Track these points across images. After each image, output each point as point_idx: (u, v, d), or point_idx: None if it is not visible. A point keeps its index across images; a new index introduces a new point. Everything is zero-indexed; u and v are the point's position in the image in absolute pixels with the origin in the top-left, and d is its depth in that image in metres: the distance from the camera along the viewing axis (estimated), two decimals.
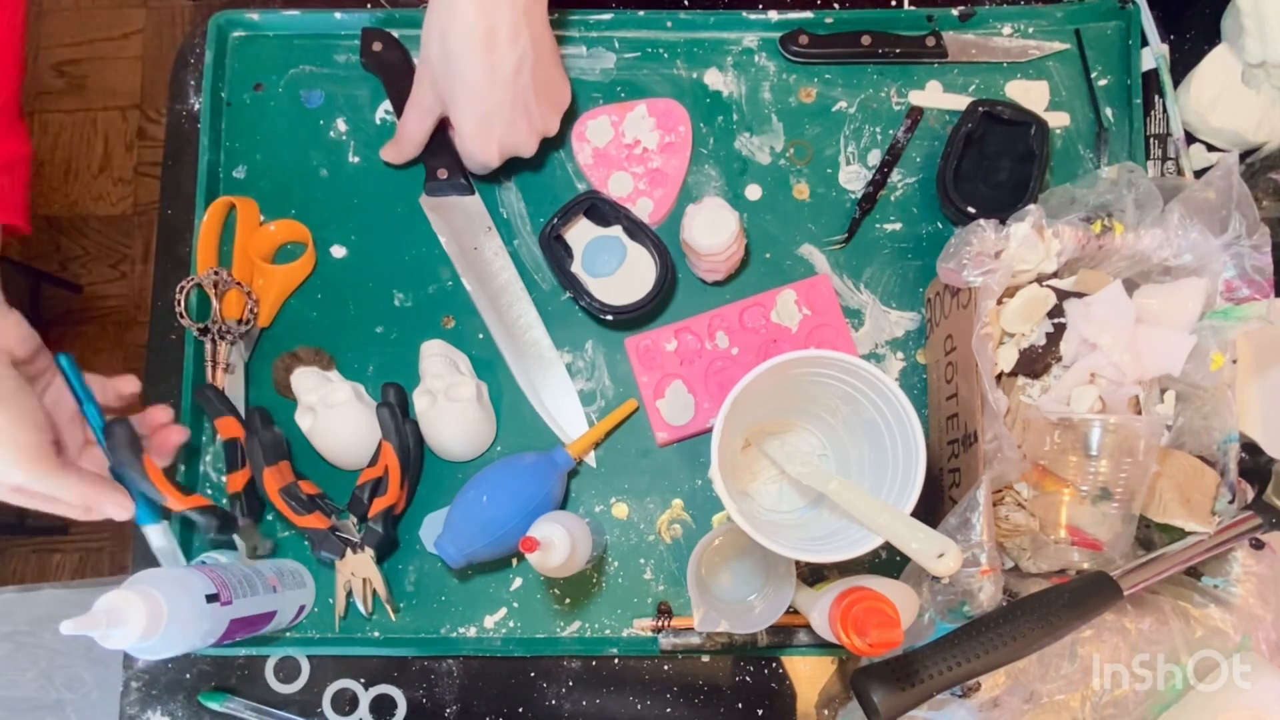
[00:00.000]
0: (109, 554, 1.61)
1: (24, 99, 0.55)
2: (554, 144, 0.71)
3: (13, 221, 0.58)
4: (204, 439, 0.68)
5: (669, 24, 0.72)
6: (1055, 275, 0.58)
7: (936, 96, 0.70)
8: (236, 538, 0.65)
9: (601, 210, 0.68)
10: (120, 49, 1.72)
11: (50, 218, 1.68)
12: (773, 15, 0.71)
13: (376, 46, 0.71)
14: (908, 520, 0.50)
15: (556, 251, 0.67)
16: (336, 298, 0.70)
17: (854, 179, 0.70)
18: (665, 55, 0.72)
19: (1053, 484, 0.56)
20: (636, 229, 0.67)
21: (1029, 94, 0.70)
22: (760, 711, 0.65)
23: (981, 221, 0.55)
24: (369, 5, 0.74)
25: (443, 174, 0.69)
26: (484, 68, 0.57)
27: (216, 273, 0.68)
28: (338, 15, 0.72)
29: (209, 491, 0.67)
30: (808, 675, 0.65)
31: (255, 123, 0.72)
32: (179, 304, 0.68)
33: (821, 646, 0.63)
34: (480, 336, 0.69)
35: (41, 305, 1.62)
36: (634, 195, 0.70)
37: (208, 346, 0.68)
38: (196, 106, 0.73)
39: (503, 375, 0.68)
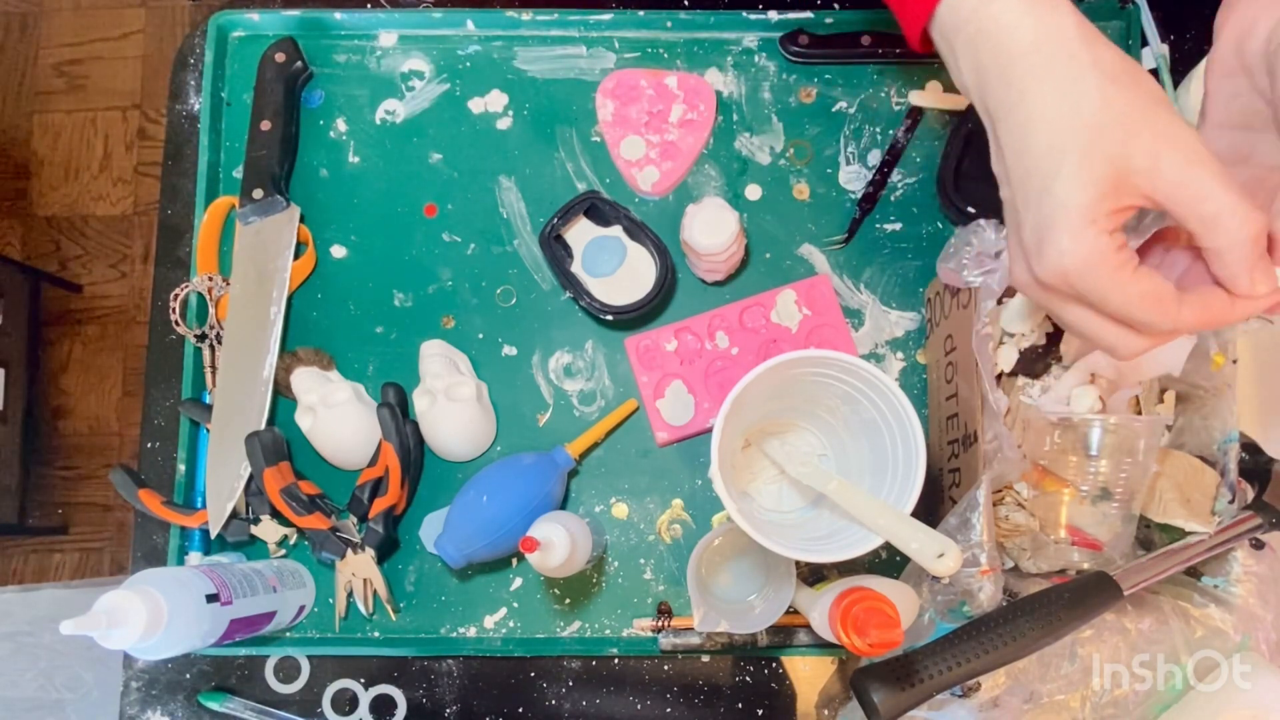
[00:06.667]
0: (109, 554, 1.61)
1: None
2: (554, 143, 0.71)
3: None
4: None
5: (669, 24, 0.72)
6: None
7: (936, 96, 0.70)
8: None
9: (601, 210, 0.68)
10: (120, 49, 1.72)
11: (50, 218, 1.68)
12: (773, 15, 0.71)
13: (279, 58, 0.70)
14: (908, 520, 0.50)
15: (556, 251, 0.67)
16: (336, 298, 0.70)
17: (854, 179, 0.70)
18: (665, 55, 0.72)
19: (1053, 484, 0.56)
20: (636, 229, 0.67)
21: None
22: (760, 711, 0.65)
23: (981, 221, 0.54)
24: (369, 5, 0.74)
25: (259, 194, 0.68)
26: None
27: (210, 278, 0.68)
28: (337, 15, 0.72)
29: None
30: (808, 675, 0.65)
31: None
32: (174, 311, 0.68)
33: (821, 646, 0.63)
34: (480, 336, 0.69)
35: (41, 305, 1.62)
36: (642, 162, 0.70)
37: (205, 353, 0.68)
38: (196, 106, 0.73)
39: (503, 375, 0.68)
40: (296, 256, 0.69)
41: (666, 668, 0.65)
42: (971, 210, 0.65)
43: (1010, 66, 0.42)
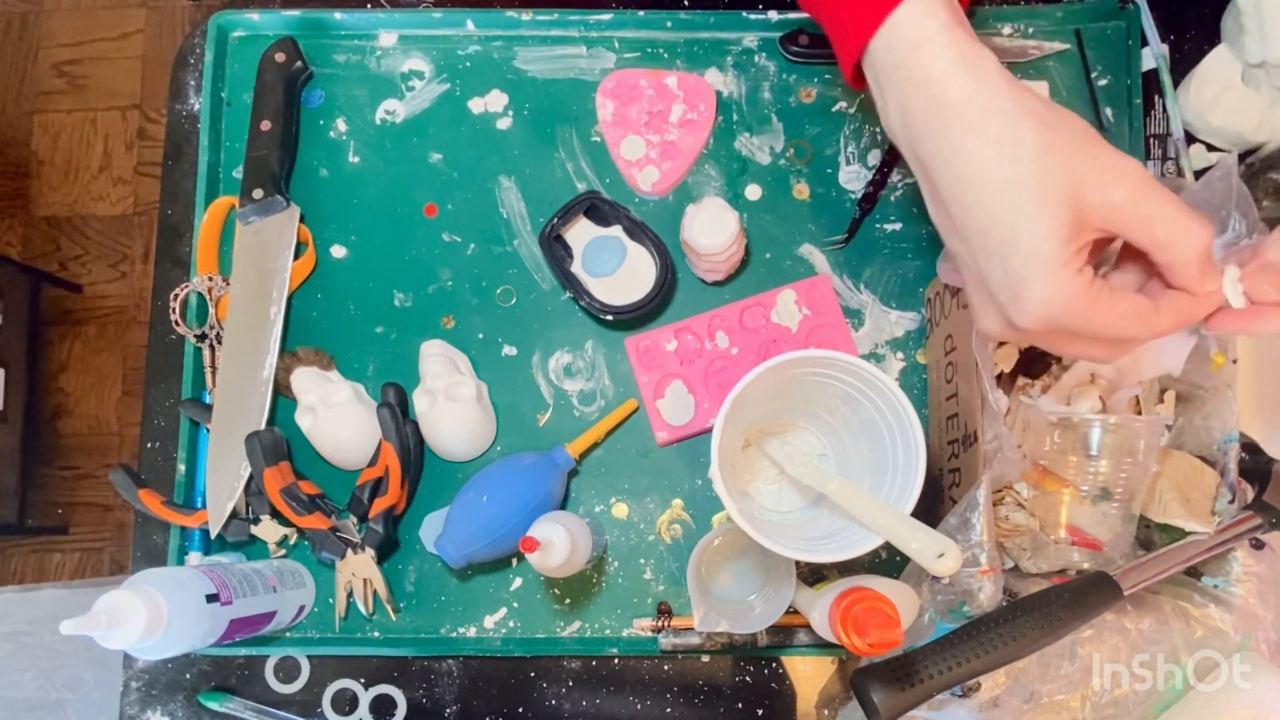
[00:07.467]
0: (109, 554, 1.61)
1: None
2: (554, 143, 0.71)
3: None
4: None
5: (669, 24, 0.72)
6: None
7: None
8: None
9: (601, 210, 0.68)
10: (120, 49, 1.72)
11: (50, 218, 1.68)
12: (773, 15, 0.71)
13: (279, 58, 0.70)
14: (908, 520, 0.50)
15: (556, 251, 0.67)
16: (336, 298, 0.70)
17: (854, 179, 0.70)
18: (665, 55, 0.72)
19: (1053, 484, 0.56)
20: (636, 229, 0.67)
21: None
22: (760, 711, 0.65)
23: None
24: (369, 5, 0.74)
25: (259, 194, 0.68)
26: None
27: (210, 278, 0.68)
28: (337, 15, 0.72)
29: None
30: (808, 675, 0.65)
31: None
32: (174, 311, 0.68)
33: (821, 646, 0.63)
34: (480, 336, 0.69)
35: (41, 305, 1.62)
36: (642, 162, 0.70)
37: (205, 353, 0.68)
38: (196, 106, 0.73)
39: (503, 375, 0.68)
40: (296, 256, 0.69)
41: (666, 668, 0.65)
42: None
43: (943, 117, 0.42)
